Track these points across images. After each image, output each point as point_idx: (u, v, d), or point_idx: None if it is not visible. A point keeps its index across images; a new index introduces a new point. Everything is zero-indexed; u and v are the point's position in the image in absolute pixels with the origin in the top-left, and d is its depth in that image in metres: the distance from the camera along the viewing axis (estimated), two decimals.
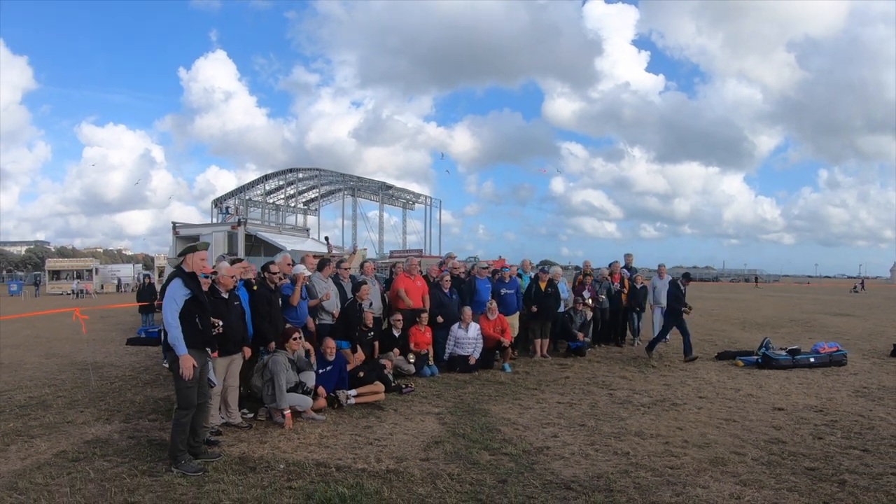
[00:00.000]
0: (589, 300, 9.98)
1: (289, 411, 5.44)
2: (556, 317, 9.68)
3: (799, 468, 4.33)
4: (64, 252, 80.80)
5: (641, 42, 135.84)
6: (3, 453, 4.59)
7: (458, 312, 8.43)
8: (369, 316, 7.47)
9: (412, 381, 7.30)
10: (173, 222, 11.06)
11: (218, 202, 46.10)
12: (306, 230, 17.11)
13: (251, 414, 5.74)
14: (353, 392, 6.27)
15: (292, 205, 50.11)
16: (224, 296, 5.24)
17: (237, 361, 5.45)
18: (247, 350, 5.54)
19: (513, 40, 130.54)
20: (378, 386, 6.46)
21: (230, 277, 5.26)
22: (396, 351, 7.63)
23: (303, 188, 50.82)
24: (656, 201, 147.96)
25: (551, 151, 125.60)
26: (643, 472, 4.24)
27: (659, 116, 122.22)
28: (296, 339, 5.81)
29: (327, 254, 8.84)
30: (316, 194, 51.48)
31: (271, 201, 49.04)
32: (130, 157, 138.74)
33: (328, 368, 6.20)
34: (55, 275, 39.09)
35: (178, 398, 4.46)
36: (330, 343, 6.32)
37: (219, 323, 4.88)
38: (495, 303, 8.69)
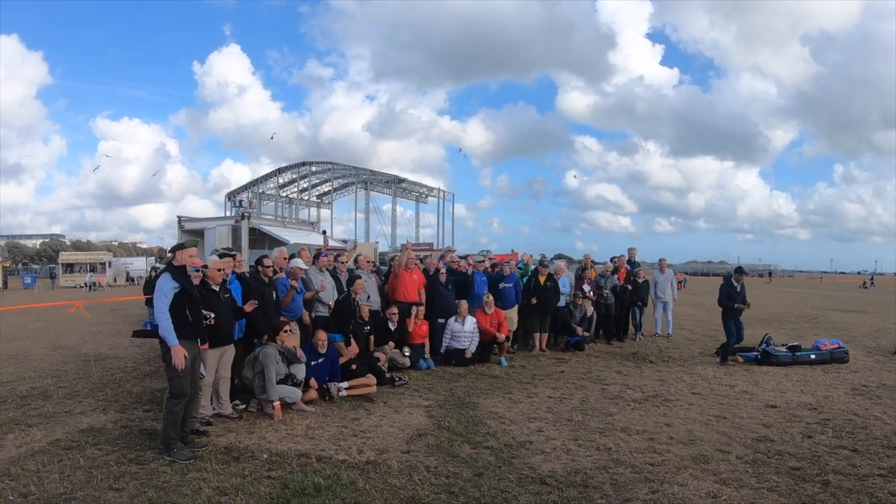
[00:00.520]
0: (589, 294, 9.93)
1: (278, 403, 5.53)
2: (556, 311, 9.66)
3: (783, 467, 4.28)
4: (79, 245, 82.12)
5: (655, 35, 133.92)
6: (0, 441, 4.75)
7: (455, 306, 8.46)
8: (365, 309, 7.52)
9: (406, 374, 7.36)
10: (179, 216, 11.26)
11: (231, 195, 46.56)
12: (311, 224, 17.25)
13: (243, 405, 5.84)
14: (345, 384, 6.34)
15: (305, 198, 50.46)
16: (214, 288, 5.34)
17: (228, 353, 5.56)
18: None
19: (526, 34, 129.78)
20: (370, 378, 6.52)
21: (218, 271, 5.34)
22: (392, 344, 7.67)
23: (316, 181, 51.13)
24: (671, 196, 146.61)
25: (565, 145, 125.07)
26: (622, 469, 4.24)
27: (673, 110, 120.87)
28: (287, 332, 5.88)
29: (324, 247, 8.90)
30: (329, 188, 51.81)
31: (284, 195, 49.43)
32: (145, 151, 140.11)
33: (320, 361, 6.27)
34: (69, 268, 39.82)
35: (170, 388, 4.57)
36: (322, 335, 6.39)
37: (210, 315, 4.99)
38: (492, 296, 8.68)
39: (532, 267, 10.10)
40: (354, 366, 6.64)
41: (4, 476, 4.01)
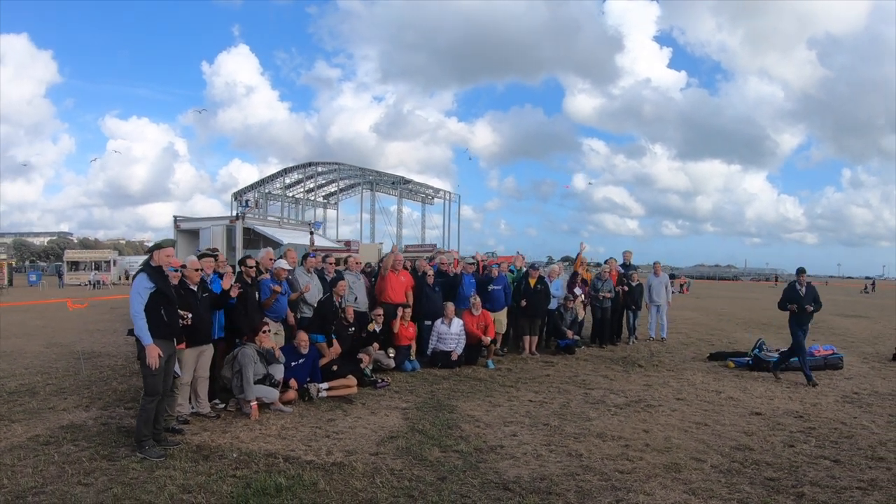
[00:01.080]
0: (581, 297, 9.85)
1: (255, 403, 5.54)
2: (546, 314, 9.59)
3: (758, 478, 4.19)
4: (86, 243, 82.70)
5: (663, 38, 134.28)
6: None
7: (442, 308, 8.43)
8: (349, 310, 7.52)
9: (390, 376, 7.35)
10: (175, 216, 11.36)
11: (238, 195, 46.96)
12: (308, 224, 17.32)
13: (223, 405, 5.87)
14: (325, 385, 6.35)
15: (312, 198, 50.71)
16: (192, 288, 5.37)
17: (206, 353, 5.58)
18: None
19: (533, 36, 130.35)
20: (350, 380, 6.52)
21: (195, 271, 5.37)
22: (376, 345, 7.66)
23: (322, 182, 51.41)
24: (678, 199, 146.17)
25: (573, 147, 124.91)
26: (590, 476, 4.18)
27: (680, 113, 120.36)
28: (265, 333, 5.89)
29: (310, 247, 8.92)
30: (335, 188, 52.01)
31: (291, 195, 49.72)
32: (154, 151, 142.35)
33: (300, 361, 6.28)
34: (74, 266, 40.27)
35: (145, 386, 4.63)
36: (303, 336, 6.40)
37: (187, 315, 5.02)
38: (479, 298, 8.64)
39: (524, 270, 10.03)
40: (335, 367, 6.64)
41: None
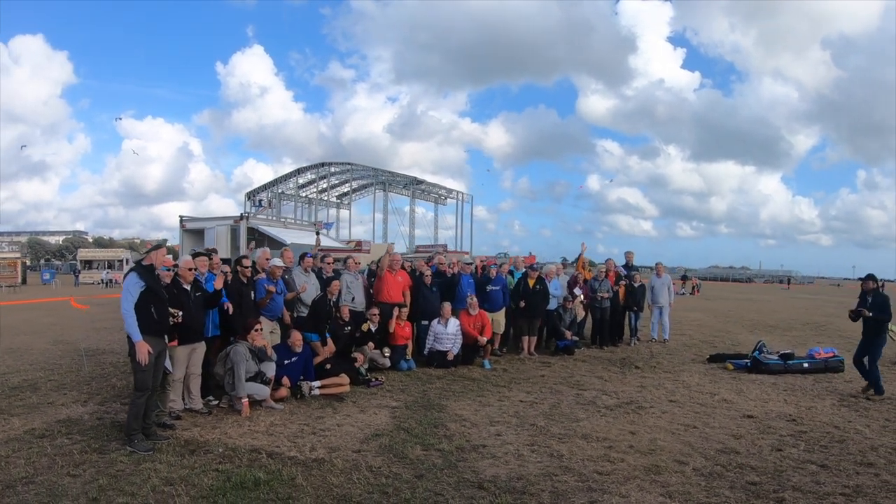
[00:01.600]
0: (581, 297, 9.82)
1: (246, 399, 5.64)
2: (545, 314, 9.58)
3: (740, 482, 4.15)
4: (101, 242, 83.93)
5: (676, 39, 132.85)
6: None
7: (440, 307, 8.46)
8: (345, 310, 7.59)
9: (384, 375, 7.41)
10: (180, 216, 11.56)
11: (251, 195, 47.54)
12: (314, 224, 17.48)
13: (216, 401, 5.99)
14: (317, 384, 6.43)
15: (325, 199, 51.09)
16: (185, 287, 5.50)
17: (199, 350, 5.69)
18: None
19: (546, 37, 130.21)
20: (343, 378, 6.60)
21: (188, 270, 5.50)
22: (371, 345, 7.72)
23: (335, 182, 51.76)
24: (692, 200, 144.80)
25: (587, 149, 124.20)
26: (568, 477, 4.18)
27: (694, 114, 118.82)
28: (257, 331, 5.99)
29: (315, 247, 9.02)
30: (348, 188, 52.34)
31: (304, 195, 50.13)
32: (169, 151, 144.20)
33: (293, 360, 6.37)
34: (87, 264, 40.97)
35: (135, 381, 4.75)
36: (297, 335, 6.49)
37: (178, 313, 5.13)
38: (475, 298, 8.66)
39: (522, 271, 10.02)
40: (329, 365, 6.73)
41: None
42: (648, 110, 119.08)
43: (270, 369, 5.96)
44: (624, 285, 10.53)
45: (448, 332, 8.26)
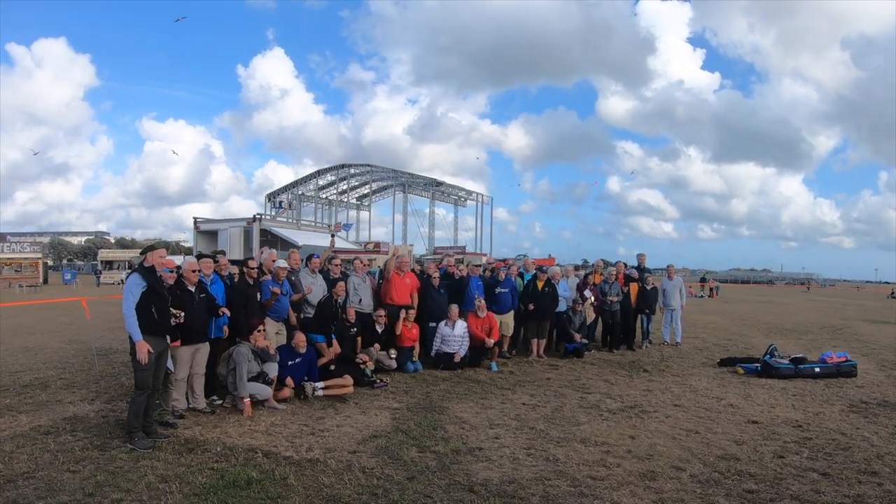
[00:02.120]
0: (591, 300, 9.72)
1: (248, 399, 5.73)
2: (554, 317, 9.52)
3: (736, 490, 4.06)
4: (123, 243, 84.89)
5: (695, 40, 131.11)
6: None
7: (447, 309, 8.47)
8: (351, 311, 7.65)
9: (390, 377, 7.44)
10: (194, 217, 11.78)
11: (271, 196, 48.16)
12: (328, 227, 17.64)
13: (220, 401, 6.09)
14: (321, 384, 6.49)
15: (345, 200, 51.52)
16: (190, 289, 5.61)
17: (202, 350, 5.80)
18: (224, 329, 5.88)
19: (565, 39, 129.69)
20: (346, 379, 6.64)
21: (192, 272, 5.61)
22: (377, 346, 7.77)
23: (355, 184, 52.14)
24: (713, 202, 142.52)
25: (607, 150, 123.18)
26: (560, 481, 4.15)
27: (713, 115, 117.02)
28: (260, 332, 6.08)
29: (329, 249, 9.10)
30: (368, 190, 52.69)
31: (324, 196, 50.61)
32: (190, 152, 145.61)
33: (297, 361, 6.44)
34: (108, 265, 41.96)
35: (136, 380, 4.86)
36: (300, 336, 6.57)
37: (180, 313, 5.24)
38: (483, 300, 8.65)
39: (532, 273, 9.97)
40: (333, 366, 6.79)
41: None
42: (668, 111, 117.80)
43: (273, 370, 6.04)
44: (636, 287, 10.39)
45: (455, 335, 8.26)
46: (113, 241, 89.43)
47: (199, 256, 6.28)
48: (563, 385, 7.32)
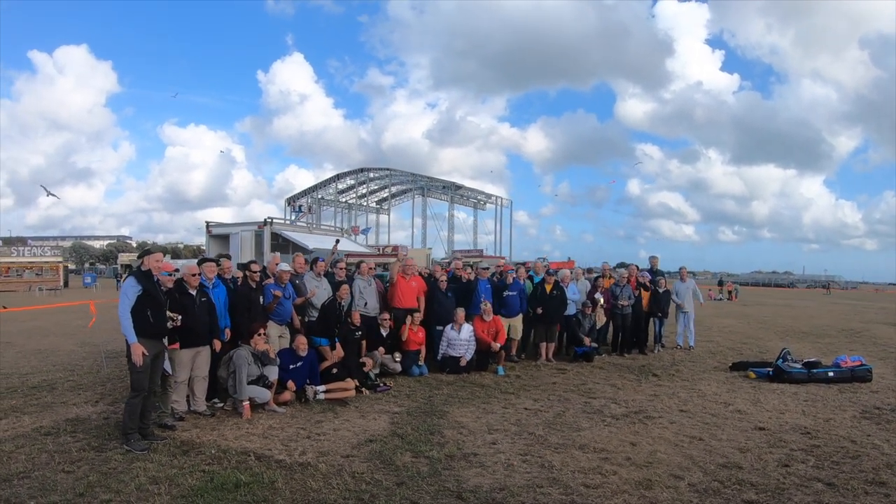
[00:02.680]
0: (601, 303, 9.58)
1: (247, 402, 5.76)
2: (563, 320, 9.40)
3: (735, 500, 3.91)
4: (144, 247, 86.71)
5: (713, 41, 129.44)
6: None
7: (454, 313, 8.41)
8: (356, 315, 7.65)
9: (393, 380, 7.42)
10: (207, 222, 11.96)
11: (291, 201, 48.72)
12: (340, 229, 17.74)
13: (221, 404, 6.14)
14: (322, 388, 6.50)
15: (364, 204, 51.84)
16: (191, 292, 5.68)
17: (203, 354, 5.85)
18: (216, 343, 5.91)
19: (583, 42, 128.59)
20: (348, 383, 6.65)
21: (192, 276, 5.67)
22: (382, 350, 7.75)
23: (374, 188, 52.45)
24: (734, 204, 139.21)
25: (626, 153, 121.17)
26: (553, 489, 4.06)
27: (733, 117, 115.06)
28: (260, 335, 6.11)
29: (332, 252, 9.13)
30: (387, 194, 52.91)
31: (344, 200, 51.01)
32: (211, 157, 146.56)
33: (299, 364, 6.46)
34: (128, 268, 42.84)
35: (131, 382, 4.93)
36: (301, 340, 6.59)
37: (177, 317, 5.29)
38: (489, 304, 8.57)
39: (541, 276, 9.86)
40: (335, 370, 6.79)
41: None
42: (687, 113, 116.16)
43: (273, 373, 6.06)
44: (648, 291, 10.20)
45: (461, 338, 8.19)
46: (135, 245, 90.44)
47: (202, 261, 6.34)
48: (569, 389, 7.20)
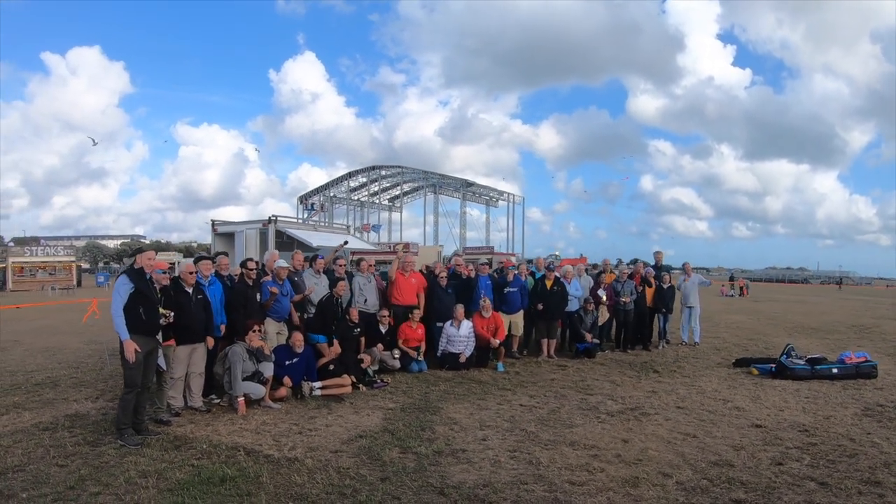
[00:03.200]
0: (603, 299, 9.50)
1: (242, 398, 5.83)
2: (565, 316, 9.35)
3: (723, 499, 3.84)
4: (158, 246, 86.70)
5: (724, 36, 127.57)
6: None
7: (454, 309, 8.41)
8: (354, 312, 7.69)
9: (391, 377, 7.44)
10: (212, 220, 12.10)
11: (303, 199, 49.04)
12: (347, 227, 17.84)
13: (218, 400, 6.21)
14: (318, 384, 6.55)
15: (376, 202, 52.01)
16: (187, 290, 5.75)
17: (199, 350, 5.92)
18: (209, 340, 5.99)
19: (593, 38, 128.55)
20: (344, 379, 6.69)
21: (189, 273, 5.75)
22: (380, 346, 7.78)
23: (386, 185, 52.57)
24: (747, 200, 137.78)
25: (638, 149, 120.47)
26: (537, 486, 4.04)
27: (745, 112, 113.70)
28: (254, 332, 6.16)
29: (338, 249, 9.18)
30: (399, 191, 53.01)
31: (356, 198, 51.21)
32: (224, 156, 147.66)
33: (294, 360, 6.52)
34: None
35: (124, 378, 5.01)
36: (298, 336, 6.64)
37: (169, 313, 5.37)
38: (488, 301, 8.55)
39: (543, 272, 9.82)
40: (332, 366, 6.83)
41: None
42: (698, 109, 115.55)
43: (268, 369, 6.12)
44: (652, 288, 10.10)
45: (461, 335, 8.19)
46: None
47: (198, 259, 6.42)
48: (566, 386, 7.16)
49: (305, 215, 42.26)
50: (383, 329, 8.03)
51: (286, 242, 11.99)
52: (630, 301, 9.73)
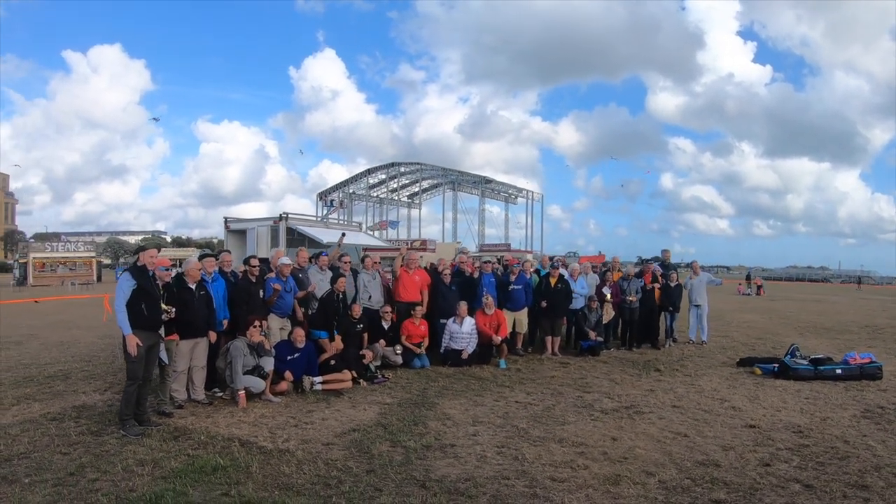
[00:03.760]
0: (608, 297, 9.47)
1: (242, 392, 6.00)
2: (569, 314, 9.35)
3: (703, 499, 3.83)
4: (179, 241, 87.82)
5: (745, 33, 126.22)
6: (6, 411, 5.69)
7: (457, 306, 8.48)
8: (356, 308, 7.82)
9: (393, 373, 7.55)
10: (225, 217, 12.37)
11: (322, 195, 49.54)
12: (358, 224, 18.03)
13: (220, 393, 6.40)
14: (319, 379, 6.70)
15: (396, 198, 52.29)
16: (190, 286, 5.94)
17: (202, 345, 6.10)
18: (212, 334, 6.17)
19: (613, 35, 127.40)
20: (345, 374, 6.83)
21: (196, 270, 5.94)
22: (383, 342, 7.90)
23: (405, 182, 52.84)
24: (768, 198, 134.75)
25: (658, 146, 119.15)
26: (518, 482, 4.09)
27: (765, 109, 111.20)
28: (255, 328, 6.33)
29: (337, 246, 9.34)
30: (418, 188, 53.22)
31: (375, 195, 51.56)
32: (245, 153, 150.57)
33: (296, 355, 6.67)
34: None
35: (127, 371, 5.21)
36: (299, 331, 6.80)
37: (171, 309, 5.55)
38: (491, 298, 8.60)
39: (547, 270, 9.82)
40: (333, 361, 6.98)
41: None
42: (718, 106, 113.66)
43: (269, 364, 6.28)
44: (658, 287, 10.02)
45: (463, 331, 8.27)
46: (169, 240, 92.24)
47: (203, 256, 6.62)
48: (565, 384, 7.18)
49: (325, 212, 42.69)
50: (386, 325, 8.15)
51: (297, 239, 12.21)
52: (636, 300, 9.68)
